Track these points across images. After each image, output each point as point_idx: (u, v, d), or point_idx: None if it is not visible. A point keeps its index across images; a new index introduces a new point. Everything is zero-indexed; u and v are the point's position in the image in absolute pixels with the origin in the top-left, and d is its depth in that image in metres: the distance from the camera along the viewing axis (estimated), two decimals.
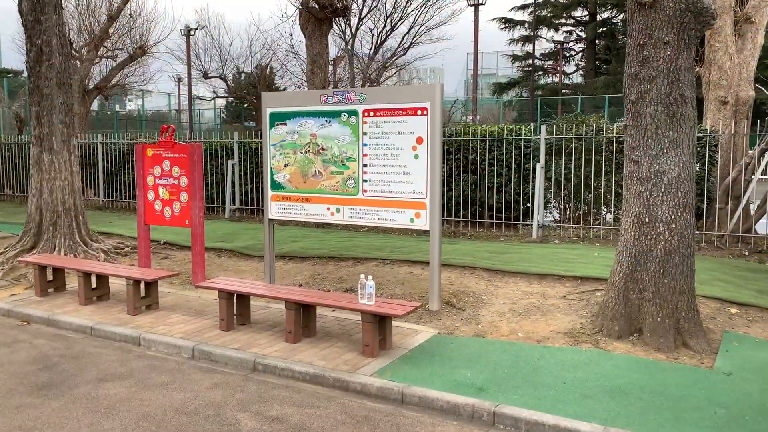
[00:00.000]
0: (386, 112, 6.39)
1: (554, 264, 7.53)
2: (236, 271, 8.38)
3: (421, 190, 6.29)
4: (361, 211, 6.65)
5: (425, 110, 6.18)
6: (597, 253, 8.08)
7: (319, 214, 6.91)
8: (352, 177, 6.64)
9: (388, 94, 6.45)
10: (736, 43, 10.18)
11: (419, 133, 6.23)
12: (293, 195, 7.04)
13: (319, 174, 6.84)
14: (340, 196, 6.73)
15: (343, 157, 6.67)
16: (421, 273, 7.58)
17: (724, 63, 10.08)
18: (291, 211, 7.09)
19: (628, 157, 5.45)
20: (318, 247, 9.05)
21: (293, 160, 6.99)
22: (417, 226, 6.38)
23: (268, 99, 7.13)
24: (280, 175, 7.09)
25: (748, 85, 10.24)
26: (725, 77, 10.11)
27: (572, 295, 6.53)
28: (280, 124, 7.04)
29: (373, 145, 6.50)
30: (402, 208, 6.40)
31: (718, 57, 10.11)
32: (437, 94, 6.16)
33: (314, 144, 6.83)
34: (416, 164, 6.27)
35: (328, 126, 6.73)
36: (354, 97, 6.56)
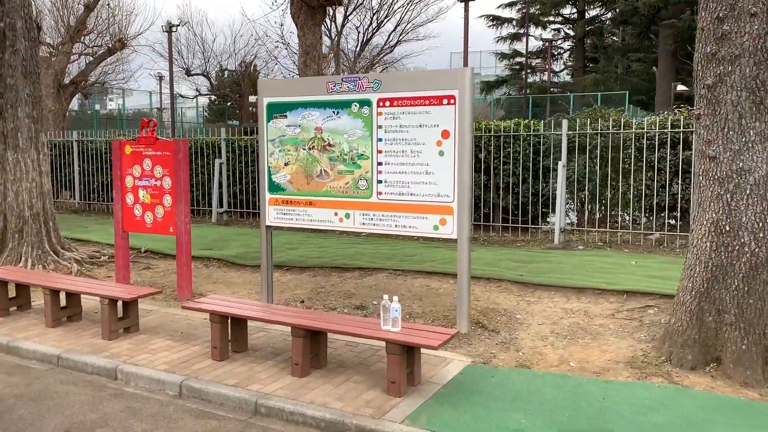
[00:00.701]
0: (406, 102, 5.47)
1: (590, 275, 6.65)
2: (227, 283, 7.41)
3: (447, 193, 5.37)
4: (375, 217, 5.72)
5: (452, 99, 5.27)
6: (635, 262, 7.23)
7: (326, 220, 5.97)
8: (365, 177, 5.71)
9: (409, 80, 5.52)
10: None
11: (445, 125, 5.32)
12: (295, 198, 6.09)
13: (325, 174, 5.91)
14: (351, 200, 5.80)
15: (354, 154, 5.74)
16: (439, 286, 6.67)
17: None
18: (292, 216, 6.14)
19: (702, 152, 4.58)
20: (318, 256, 8.10)
21: (295, 158, 6.04)
22: (442, 235, 5.46)
23: (265, 87, 6.18)
24: (279, 176, 6.15)
25: None
26: None
27: (621, 314, 5.66)
28: (280, 116, 6.09)
29: (389, 140, 5.57)
30: (424, 213, 5.48)
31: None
32: (467, 80, 5.24)
33: (320, 139, 5.89)
34: (441, 162, 5.36)
35: (335, 118, 5.80)
36: (367, 84, 5.63)
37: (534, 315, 5.76)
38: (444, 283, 6.73)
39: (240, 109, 38.23)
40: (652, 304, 5.78)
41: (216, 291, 7.08)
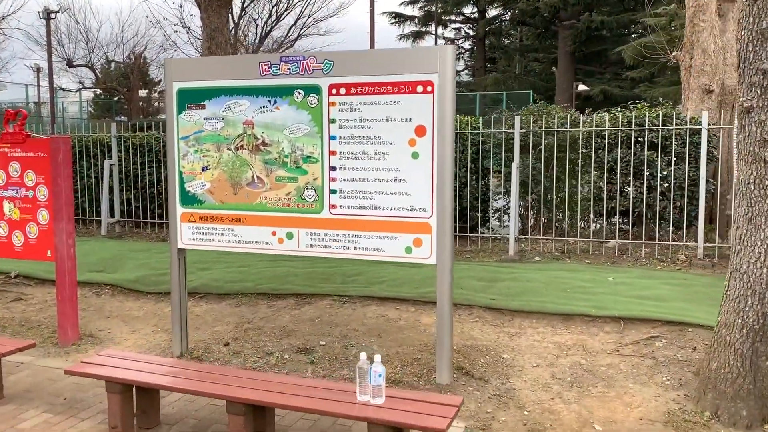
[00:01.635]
0: (368, 89, 4.23)
1: (569, 296, 5.68)
2: (125, 318, 5.86)
3: (423, 205, 4.18)
4: (327, 238, 4.44)
5: (430, 85, 4.08)
6: (612, 278, 6.34)
7: (260, 241, 4.62)
8: (313, 186, 4.42)
9: (371, 60, 4.27)
10: (719, 24, 8.88)
11: (420, 119, 4.13)
12: (217, 213, 4.69)
13: (258, 181, 4.56)
14: (294, 215, 4.49)
15: (298, 156, 4.43)
16: (397, 317, 5.46)
17: (708, 46, 8.75)
18: (214, 236, 4.73)
19: (754, 155, 3.66)
20: (239, 278, 6.68)
21: (216, 160, 4.65)
22: (417, 259, 4.26)
23: (175, 69, 4.73)
24: (195, 184, 4.72)
25: (734, 71, 8.97)
26: (710, 62, 8.79)
27: (625, 348, 4.69)
28: (196, 106, 4.67)
29: (346, 138, 4.31)
30: (393, 231, 4.27)
31: (702, 39, 8.76)
32: (449, 62, 4.07)
33: (250, 136, 4.54)
34: (415, 166, 4.16)
35: (272, 109, 4.46)
36: (314, 64, 4.33)
37: (523, 353, 4.69)
38: (403, 312, 5.54)
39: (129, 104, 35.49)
40: (656, 334, 4.86)
41: (110, 330, 5.54)
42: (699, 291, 5.86)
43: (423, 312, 5.51)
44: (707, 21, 8.67)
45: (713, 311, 5.05)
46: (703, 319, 4.99)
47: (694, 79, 8.91)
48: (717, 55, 8.78)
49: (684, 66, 9.10)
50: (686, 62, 9.02)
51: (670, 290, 5.84)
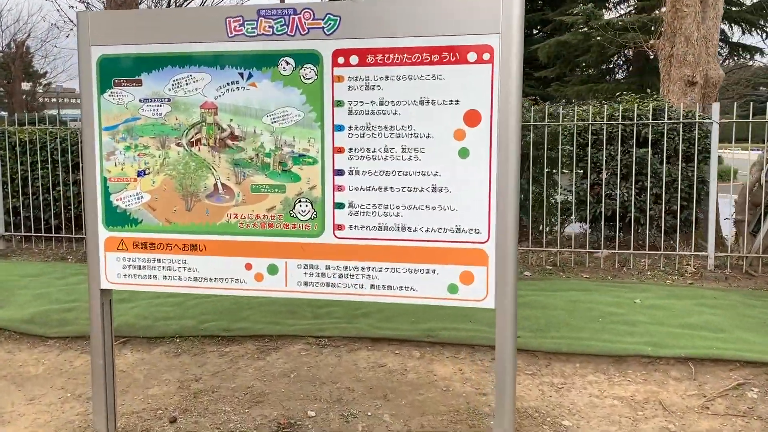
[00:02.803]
0: (393, 56, 2.91)
1: (605, 329, 4.61)
2: (16, 379, 4.24)
3: (475, 225, 2.91)
4: (330, 272, 3.08)
5: (488, 52, 2.82)
6: (639, 300, 5.31)
7: (227, 278, 3.19)
8: (308, 198, 3.05)
9: (398, 13, 2.93)
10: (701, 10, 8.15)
11: (473, 102, 2.86)
12: (161, 238, 3.22)
13: (224, 192, 3.13)
14: (279, 240, 3.10)
15: (286, 154, 3.05)
16: (402, 366, 4.17)
17: (691, 34, 8.00)
18: (156, 271, 3.26)
19: None
20: (174, 314, 5.14)
21: (159, 161, 3.18)
22: (465, 300, 2.98)
23: (95, 26, 3.19)
24: (126, 195, 3.23)
25: (716, 62, 8.28)
26: (692, 51, 8.04)
27: (716, 403, 3.62)
28: (127, 82, 3.17)
29: (359, 128, 2.97)
30: (431, 262, 2.97)
31: (686, 26, 8.00)
32: (515, 18, 2.82)
33: (212, 126, 3.10)
34: (465, 169, 2.89)
35: (245, 87, 3.05)
36: (311, 21, 2.96)
37: (587, 417, 3.52)
38: (407, 359, 4.24)
39: (10, 98, 32.10)
40: (740, 381, 3.85)
41: None
42: (745, 314, 4.95)
43: (434, 359, 4.24)
44: (691, 6, 7.91)
45: None
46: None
47: (675, 69, 8.13)
48: (700, 44, 8.05)
49: (664, 55, 8.31)
50: (666, 51, 8.24)
51: (714, 314, 4.88)
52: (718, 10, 8.30)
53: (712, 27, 8.22)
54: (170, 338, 4.75)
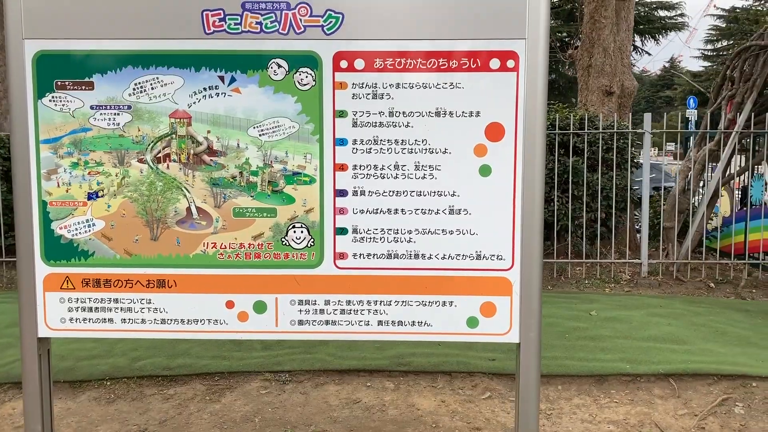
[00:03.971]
0: (405, 61, 2.56)
1: (576, 345, 4.49)
2: None
3: (498, 250, 2.62)
4: (330, 307, 2.67)
5: (512, 59, 2.54)
6: (595, 312, 5.25)
7: (203, 319, 2.69)
8: (304, 223, 2.62)
9: (411, 13, 2.57)
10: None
11: (495, 114, 2.56)
12: (119, 274, 2.67)
13: (200, 217, 2.64)
14: (269, 272, 2.65)
15: (277, 173, 2.61)
16: (378, 401, 3.80)
17: (609, 45, 8.21)
18: (113, 313, 2.70)
19: None
20: (101, 351, 4.47)
21: (117, 180, 2.63)
22: (488, 335, 2.68)
23: (30, 15, 2.57)
24: (73, 222, 2.64)
25: (630, 73, 8.55)
26: (610, 62, 8.25)
27: (709, 421, 3.55)
28: (74, 85, 2.60)
29: (365, 142, 2.59)
30: (448, 293, 2.64)
31: (603, 37, 8.19)
32: (542, 23, 2.55)
33: (184, 139, 2.60)
34: (486, 189, 2.59)
35: (226, 93, 2.58)
36: (308, 18, 2.54)
37: None
38: (381, 392, 3.87)
39: None
40: (722, 395, 3.81)
41: None
42: (696, 323, 5.01)
43: (411, 390, 3.90)
44: (609, 18, 8.11)
45: (745, 352, 4.29)
46: (750, 366, 4.08)
47: (593, 79, 8.31)
48: (616, 54, 8.27)
49: (582, 65, 8.48)
50: (584, 61, 8.40)
51: (670, 325, 4.91)
52: (629, 22, 8.59)
53: (626, 39, 8.49)
54: (99, 381, 4.09)
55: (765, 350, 4.43)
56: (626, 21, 8.50)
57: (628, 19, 8.53)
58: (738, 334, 4.77)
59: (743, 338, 4.68)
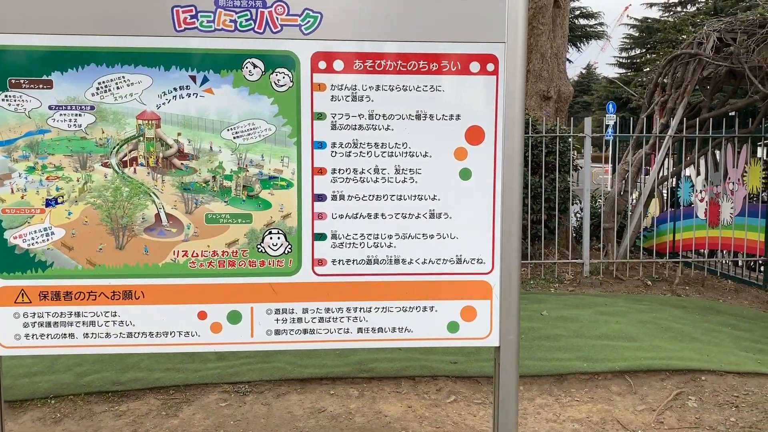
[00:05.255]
0: (385, 63, 2.51)
1: (532, 346, 4.55)
2: None
3: (478, 254, 2.61)
4: (309, 316, 2.59)
5: (492, 62, 2.54)
6: (546, 312, 5.35)
7: (174, 331, 2.56)
8: (281, 229, 2.53)
9: (392, 12, 2.52)
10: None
11: (475, 117, 2.56)
12: (80, 285, 2.50)
13: (170, 224, 2.50)
14: (243, 280, 2.55)
15: (252, 177, 2.51)
16: (344, 409, 3.73)
17: (546, 51, 8.42)
18: (74, 328, 2.52)
19: None
20: (43, 367, 4.19)
21: (78, 185, 2.46)
22: (468, 339, 2.66)
23: None
24: (30, 231, 2.46)
25: (567, 78, 8.80)
26: (547, 68, 8.47)
27: (667, 416, 3.67)
28: (30, 83, 2.41)
29: (345, 145, 2.53)
30: (428, 298, 2.62)
31: (541, 43, 8.40)
32: (520, 26, 2.57)
33: (153, 142, 2.46)
34: (466, 192, 2.58)
35: (198, 94, 2.46)
36: (286, 16, 2.46)
37: None
38: (346, 400, 3.80)
39: None
40: (675, 390, 3.95)
41: None
42: (642, 320, 5.19)
43: (376, 396, 3.85)
44: (546, 24, 8.32)
45: (689, 347, 4.46)
46: (697, 361, 4.26)
47: (531, 84, 8.51)
48: (552, 60, 8.50)
49: None
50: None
51: (618, 323, 5.06)
52: (564, 29, 8.85)
53: (561, 45, 8.74)
54: (42, 399, 3.83)
55: (708, 345, 4.63)
56: (561, 28, 8.76)
57: (563, 26, 8.79)
58: (681, 330, 4.97)
59: (686, 334, 4.88)
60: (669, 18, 30.45)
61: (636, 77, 30.31)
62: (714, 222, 7.26)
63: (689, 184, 7.69)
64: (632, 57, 35.09)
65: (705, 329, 5.06)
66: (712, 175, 7.31)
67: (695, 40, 7.09)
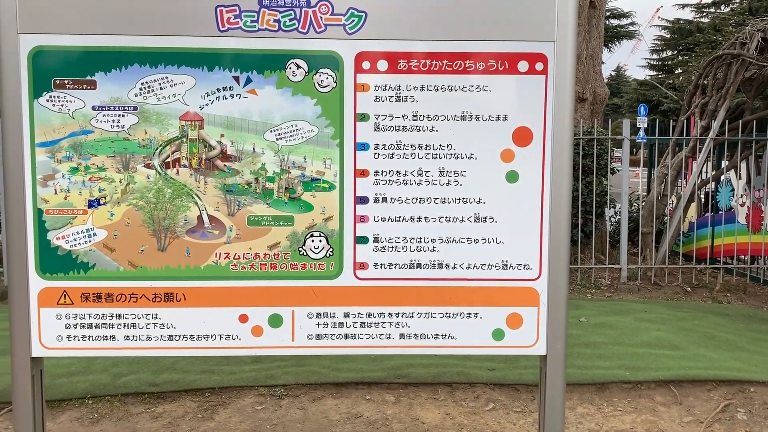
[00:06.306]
0: (430, 62, 2.45)
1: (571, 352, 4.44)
2: None
3: (525, 260, 2.54)
4: (350, 320, 2.54)
5: (541, 62, 2.47)
6: (584, 318, 5.24)
7: (215, 335, 2.53)
8: (323, 231, 2.49)
9: (438, 11, 2.46)
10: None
11: (523, 118, 2.48)
12: (122, 287, 2.48)
13: (212, 226, 2.47)
14: (284, 284, 2.51)
15: (294, 179, 2.47)
16: (380, 415, 3.67)
17: (581, 52, 8.28)
18: (116, 329, 2.50)
19: None
20: (79, 367, 4.21)
21: (121, 187, 2.44)
22: (513, 347, 2.59)
23: (26, 4, 2.37)
24: (72, 232, 2.45)
25: (602, 80, 8.65)
26: (582, 69, 8.32)
27: (716, 429, 3.54)
28: (74, 83, 2.40)
29: (388, 147, 2.47)
30: (473, 305, 2.55)
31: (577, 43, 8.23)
32: (570, 24, 2.50)
33: (196, 143, 2.44)
34: (513, 195, 2.50)
35: (241, 95, 2.43)
36: (330, 16, 2.42)
37: None
38: (382, 406, 3.74)
39: None
40: (723, 401, 3.82)
41: None
42: (684, 327, 5.05)
43: (413, 402, 3.79)
44: (581, 25, 8.18)
45: (736, 357, 4.36)
46: (744, 371, 4.12)
47: None
48: (588, 62, 8.36)
49: None
50: None
51: (659, 330, 4.92)
52: (600, 30, 8.70)
53: (597, 46, 8.59)
54: (79, 400, 3.84)
55: (755, 355, 4.48)
56: (597, 29, 8.61)
57: (598, 26, 8.64)
58: (725, 339, 4.82)
59: (731, 343, 4.73)
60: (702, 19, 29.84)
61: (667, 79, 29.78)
62: (756, 227, 7.06)
63: (729, 188, 7.49)
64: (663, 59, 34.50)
65: (750, 338, 4.90)
66: (754, 179, 7.11)
67: (738, 41, 6.91)
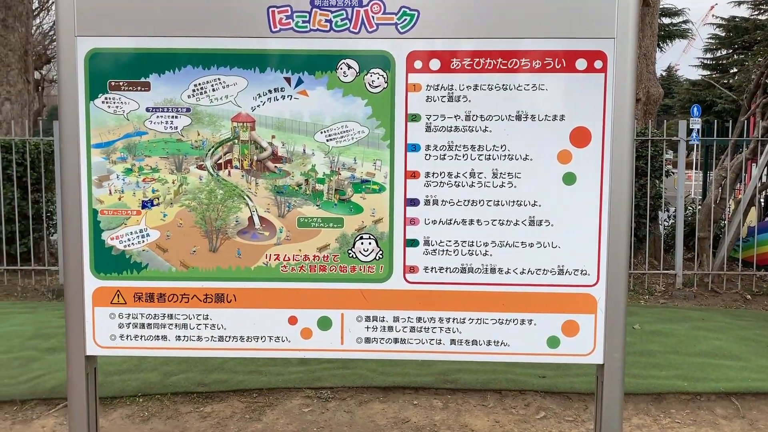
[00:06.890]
0: (484, 61, 2.39)
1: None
2: None
3: (582, 265, 2.45)
4: (400, 324, 2.50)
5: (600, 60, 2.38)
6: (638, 326, 5.08)
7: (264, 336, 2.52)
8: (372, 234, 2.45)
9: (492, 8, 2.40)
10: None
11: (581, 118, 2.40)
12: (175, 288, 2.49)
13: (263, 228, 2.46)
14: (334, 286, 2.48)
15: (345, 181, 2.44)
16: (428, 420, 3.62)
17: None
18: (167, 329, 2.52)
19: None
20: (130, 365, 4.28)
21: (173, 188, 2.46)
22: (568, 356, 2.50)
23: (83, 7, 2.40)
24: (126, 233, 2.47)
25: (656, 80, 8.41)
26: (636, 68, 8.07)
27: None
28: (129, 85, 2.42)
29: (440, 148, 2.42)
30: (526, 311, 2.47)
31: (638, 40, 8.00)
32: (631, 20, 2.41)
33: (248, 144, 2.43)
34: (570, 198, 2.42)
35: (293, 96, 2.41)
36: (382, 15, 2.38)
37: None
38: (429, 411, 3.69)
39: None
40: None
41: None
42: (745, 337, 4.84)
43: (461, 409, 3.72)
44: None
45: None
46: None
47: None
48: (641, 61, 8.13)
49: None
50: None
51: (718, 339, 4.73)
52: (654, 28, 8.46)
53: (650, 45, 8.36)
54: (130, 398, 3.90)
55: None
56: (650, 27, 8.37)
57: (652, 25, 8.39)
58: None
59: None
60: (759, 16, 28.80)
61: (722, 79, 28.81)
62: None
63: None
64: (718, 58, 33.42)
65: None
66: None
67: None
